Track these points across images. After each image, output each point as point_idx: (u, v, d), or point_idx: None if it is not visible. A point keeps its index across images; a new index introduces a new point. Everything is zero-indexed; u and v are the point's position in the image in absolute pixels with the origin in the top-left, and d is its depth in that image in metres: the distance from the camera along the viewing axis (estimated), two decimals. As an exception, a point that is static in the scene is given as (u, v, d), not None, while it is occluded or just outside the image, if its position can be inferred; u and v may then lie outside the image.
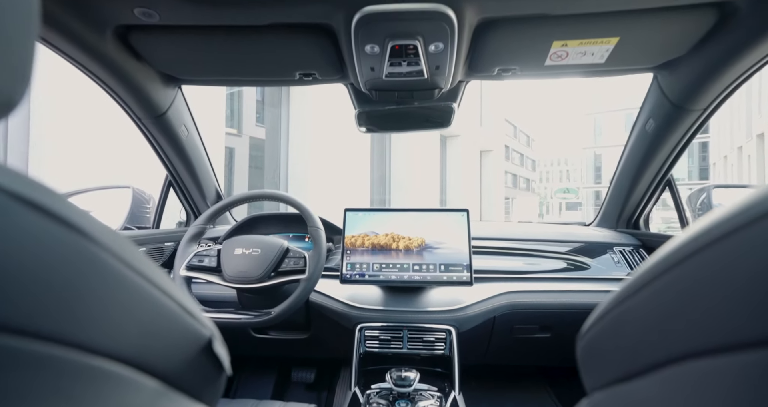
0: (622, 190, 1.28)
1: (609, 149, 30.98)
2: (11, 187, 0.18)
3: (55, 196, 0.21)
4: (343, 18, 0.75)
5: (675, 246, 0.24)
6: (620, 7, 0.72)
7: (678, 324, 0.23)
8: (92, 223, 0.21)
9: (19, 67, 0.26)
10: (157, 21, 0.76)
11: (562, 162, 55.78)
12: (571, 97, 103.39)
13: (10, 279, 0.17)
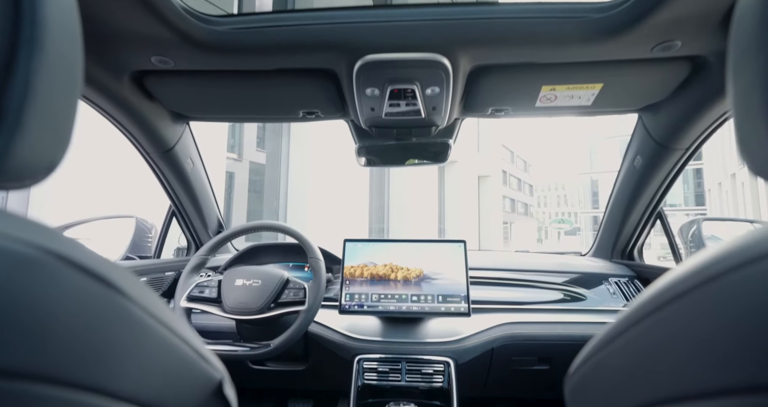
0: (615, 222, 1.32)
1: (605, 174, 31.36)
2: (56, 248, 0.21)
3: (91, 254, 0.23)
4: (345, 64, 0.81)
5: (645, 298, 0.26)
6: (601, 58, 0.77)
7: (650, 371, 0.25)
8: (123, 278, 0.24)
9: (61, 130, 0.29)
10: (171, 67, 0.82)
11: (559, 187, 56.26)
12: (567, 123, 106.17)
13: (52, 333, 0.19)
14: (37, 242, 0.20)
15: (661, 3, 0.62)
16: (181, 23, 0.71)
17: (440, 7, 0.75)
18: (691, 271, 0.23)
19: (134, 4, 0.64)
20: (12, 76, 0.25)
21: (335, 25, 0.74)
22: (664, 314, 0.24)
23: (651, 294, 0.26)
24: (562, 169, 65.86)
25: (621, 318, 0.28)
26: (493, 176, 13.65)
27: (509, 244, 25.27)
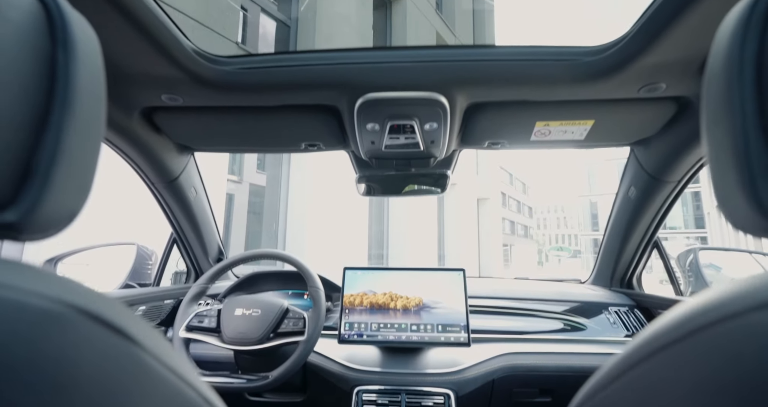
0: (612, 251, 1.33)
1: (603, 197, 31.48)
2: (78, 302, 0.22)
3: (110, 305, 0.25)
4: (347, 101, 0.84)
5: (631, 349, 0.27)
6: (592, 97, 0.81)
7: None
8: (139, 328, 0.25)
9: (84, 181, 0.31)
10: (180, 103, 0.85)
11: (558, 209, 56.32)
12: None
13: (75, 384, 0.20)
14: (61, 297, 0.21)
15: (645, 49, 0.66)
16: (192, 64, 0.74)
17: (437, 49, 0.79)
18: (673, 324, 0.24)
19: (148, 49, 0.67)
20: (44, 137, 0.28)
21: (337, 65, 0.78)
22: (650, 365, 0.25)
23: (639, 342, 0.27)
24: (561, 191, 66.23)
25: (612, 363, 0.29)
26: (492, 198, 13.70)
27: (509, 267, 25.08)
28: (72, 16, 0.32)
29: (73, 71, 0.30)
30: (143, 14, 0.62)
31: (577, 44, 0.75)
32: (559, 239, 54.29)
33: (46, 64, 0.29)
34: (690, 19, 0.58)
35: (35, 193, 0.27)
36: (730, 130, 0.29)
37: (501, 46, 0.77)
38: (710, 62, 0.33)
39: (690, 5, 0.56)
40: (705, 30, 0.60)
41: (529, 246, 33.58)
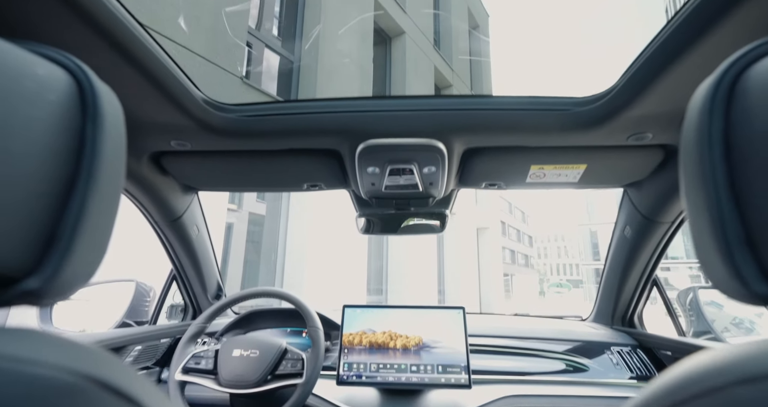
0: (612, 288, 1.32)
1: (603, 226, 31.47)
2: (95, 373, 0.23)
3: (124, 373, 0.26)
4: (348, 147, 0.87)
5: None
6: (583, 144, 0.84)
7: None
8: (150, 396, 0.26)
9: (101, 244, 0.33)
10: (188, 148, 0.89)
11: (559, 238, 56.09)
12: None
13: None
14: (78, 369, 0.22)
15: (630, 103, 0.69)
16: (201, 113, 0.78)
17: (434, 98, 0.83)
18: (655, 397, 0.25)
19: (162, 100, 0.71)
20: (68, 205, 0.29)
21: (339, 113, 0.82)
22: None
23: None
24: (560, 220, 66.22)
25: None
26: (492, 228, 13.69)
27: (511, 298, 24.67)
28: (101, 90, 0.34)
29: (100, 143, 0.32)
30: (157, 68, 0.66)
31: (568, 95, 0.79)
32: (560, 268, 53.68)
33: (75, 136, 0.31)
34: (671, 75, 0.62)
35: (57, 259, 0.28)
36: (705, 201, 0.31)
37: (496, 96, 0.82)
38: (683, 135, 0.35)
39: (670, 64, 0.60)
40: (687, 85, 0.64)
41: (530, 276, 33.17)
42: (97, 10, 0.52)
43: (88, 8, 0.50)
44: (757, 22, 0.48)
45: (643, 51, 0.66)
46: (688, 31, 0.54)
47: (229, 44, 4.87)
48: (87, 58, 0.58)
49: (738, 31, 0.50)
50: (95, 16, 0.52)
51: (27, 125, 0.28)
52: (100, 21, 0.53)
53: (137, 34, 0.59)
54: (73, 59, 0.34)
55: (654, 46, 0.62)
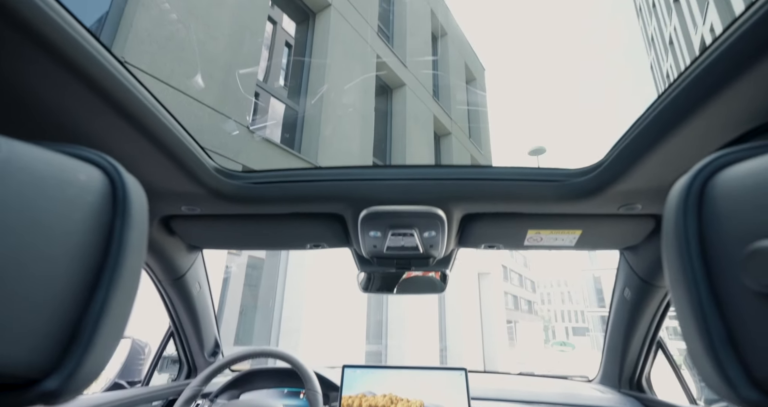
0: (616, 350, 1.30)
1: (606, 271, 30.96)
2: None
3: None
4: (351, 212, 0.91)
5: None
6: (577, 212, 0.88)
7: None
8: None
9: (117, 337, 0.34)
10: (197, 212, 0.92)
11: (562, 283, 54.95)
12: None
13: None
14: None
15: (618, 178, 0.73)
16: (212, 181, 0.82)
17: (434, 167, 0.87)
18: None
19: (176, 171, 0.75)
20: (92, 301, 0.30)
21: (343, 181, 0.86)
22: None
23: None
24: (562, 265, 65.36)
25: None
26: (494, 272, 13.46)
27: (515, 346, 23.71)
28: (131, 186, 0.37)
29: (126, 238, 0.34)
30: (173, 141, 0.70)
31: (560, 167, 0.84)
32: (564, 315, 52.03)
33: (104, 232, 0.33)
34: (655, 155, 0.66)
35: (78, 357, 0.29)
36: (688, 300, 0.33)
37: (493, 166, 0.86)
38: (663, 236, 0.38)
39: (654, 145, 0.64)
40: (671, 164, 0.68)
41: (534, 323, 32.09)
42: (116, 88, 0.54)
43: (106, 85, 0.53)
44: (740, 106, 0.53)
45: (628, 130, 0.71)
46: (673, 115, 0.59)
47: (238, 96, 5.12)
48: (106, 133, 0.62)
49: (721, 114, 0.54)
50: (114, 93, 0.54)
51: (64, 228, 0.31)
52: (119, 100, 0.56)
53: (155, 111, 0.63)
54: (108, 159, 0.38)
55: (639, 127, 0.66)
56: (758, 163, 0.33)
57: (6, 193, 0.26)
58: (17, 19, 0.40)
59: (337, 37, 7.15)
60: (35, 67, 0.46)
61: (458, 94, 11.97)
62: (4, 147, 0.28)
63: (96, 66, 0.50)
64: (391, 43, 9.45)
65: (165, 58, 4.26)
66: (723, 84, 0.50)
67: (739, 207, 0.32)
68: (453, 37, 12.46)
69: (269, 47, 6.42)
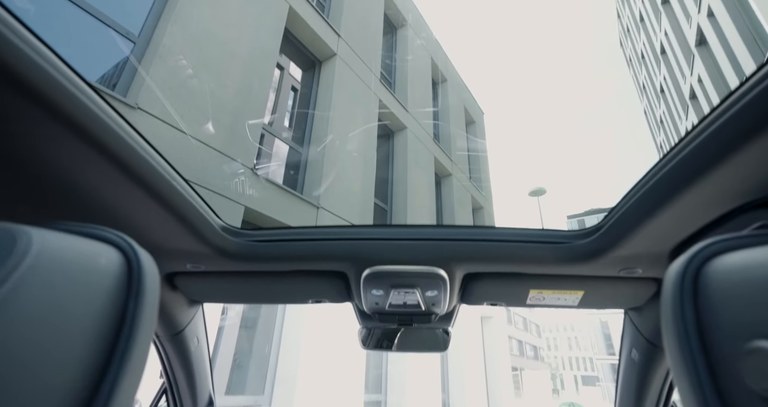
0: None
1: (613, 316, 30.05)
2: None
3: None
4: (354, 271, 0.91)
5: None
6: (578, 273, 0.88)
7: None
8: None
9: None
10: (201, 269, 0.92)
11: (568, 328, 53.13)
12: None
13: None
14: None
15: (616, 244, 0.74)
16: (219, 240, 0.83)
17: (436, 228, 0.89)
18: None
19: (184, 231, 0.76)
20: (101, 386, 0.31)
21: (346, 241, 0.87)
22: None
23: None
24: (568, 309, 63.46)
25: None
26: (497, 316, 13.09)
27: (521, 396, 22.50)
28: (146, 266, 0.39)
29: (138, 319, 0.36)
30: (181, 202, 0.72)
31: (560, 229, 0.85)
32: (572, 362, 49.84)
33: (118, 314, 0.35)
34: (653, 222, 0.68)
35: None
36: (690, 391, 0.33)
37: (494, 227, 0.87)
38: (663, 323, 0.38)
39: (651, 213, 0.66)
40: (669, 230, 0.69)
41: (540, 371, 30.65)
42: (126, 153, 0.55)
43: (116, 149, 0.54)
44: (733, 181, 0.54)
45: (624, 197, 0.73)
46: (667, 188, 0.61)
47: (242, 137, 5.28)
48: (118, 197, 0.64)
49: (715, 188, 0.56)
50: (124, 158, 0.55)
51: (84, 311, 0.33)
52: (130, 165, 0.58)
53: (165, 174, 0.65)
54: (127, 240, 0.40)
55: (634, 196, 0.68)
56: (749, 255, 0.35)
57: (37, 283, 0.28)
58: (33, 90, 0.42)
59: (341, 84, 7.49)
60: (43, 132, 0.47)
61: (459, 141, 12.29)
62: (37, 239, 0.31)
63: (106, 130, 0.52)
64: (393, 88, 9.87)
65: (176, 104, 4.44)
66: (715, 161, 0.52)
67: (735, 301, 0.33)
68: (452, 83, 13.02)
69: (276, 90, 6.71)
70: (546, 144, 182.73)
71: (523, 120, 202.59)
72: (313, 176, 6.49)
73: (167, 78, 4.42)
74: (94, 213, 0.66)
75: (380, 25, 9.59)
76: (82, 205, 0.63)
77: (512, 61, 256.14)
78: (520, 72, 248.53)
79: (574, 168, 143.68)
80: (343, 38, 7.83)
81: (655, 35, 18.04)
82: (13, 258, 0.28)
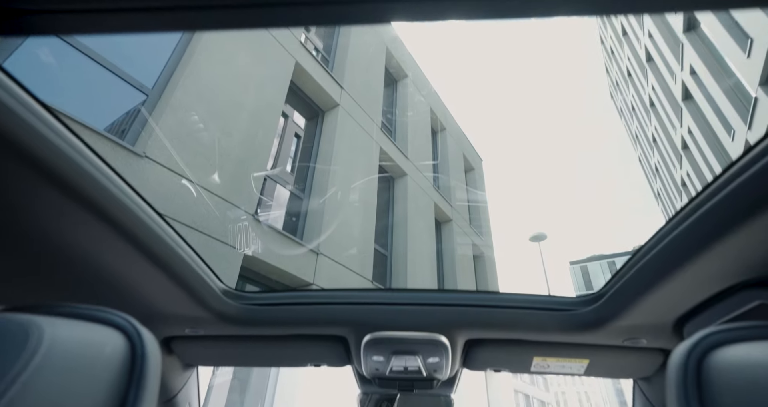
0: None
1: (623, 368, 28.61)
2: None
3: None
4: (355, 336, 0.89)
5: None
6: (582, 342, 0.86)
7: None
8: None
9: None
10: (200, 334, 0.91)
11: (577, 381, 50.41)
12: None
13: None
14: None
15: (617, 314, 0.74)
16: (219, 305, 0.82)
17: (437, 292, 0.89)
18: None
19: (183, 297, 0.76)
20: None
21: (347, 305, 0.87)
22: None
23: None
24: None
25: None
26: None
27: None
28: (149, 350, 0.39)
29: (140, 400, 0.36)
30: (184, 269, 0.72)
31: (563, 296, 0.84)
32: (583, 419, 46.59)
33: (120, 397, 0.36)
34: (651, 295, 0.68)
35: None
36: None
37: (496, 292, 0.87)
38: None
39: (649, 287, 0.66)
40: (670, 301, 0.69)
41: (550, 430, 28.58)
42: (134, 225, 0.56)
43: (124, 223, 0.55)
44: (732, 258, 0.55)
45: (625, 265, 0.73)
46: (666, 261, 0.61)
47: (244, 185, 5.37)
48: (119, 264, 0.64)
49: (716, 263, 0.56)
50: (131, 230, 0.56)
51: (89, 396, 0.34)
52: (138, 237, 0.58)
53: (168, 241, 0.66)
54: (133, 323, 0.40)
55: (635, 266, 0.69)
56: (749, 351, 0.35)
57: (49, 375, 0.30)
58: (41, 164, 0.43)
59: (343, 132, 7.75)
60: (53, 207, 0.49)
61: (458, 192, 12.48)
62: (48, 331, 0.32)
63: (115, 204, 0.53)
64: (393, 136, 10.19)
65: (183, 152, 4.57)
66: (708, 241, 0.53)
67: (736, 398, 0.34)
68: (451, 131, 13.47)
69: (279, 136, 6.92)
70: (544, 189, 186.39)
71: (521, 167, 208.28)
72: (314, 222, 6.52)
73: (176, 128, 4.59)
74: (99, 282, 0.66)
75: (381, 78, 10.12)
76: (87, 275, 0.63)
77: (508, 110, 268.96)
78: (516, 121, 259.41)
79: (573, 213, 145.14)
80: (345, 90, 8.22)
81: (643, 89, 18.95)
82: (27, 352, 0.30)
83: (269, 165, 6.28)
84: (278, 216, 6.34)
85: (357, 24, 0.35)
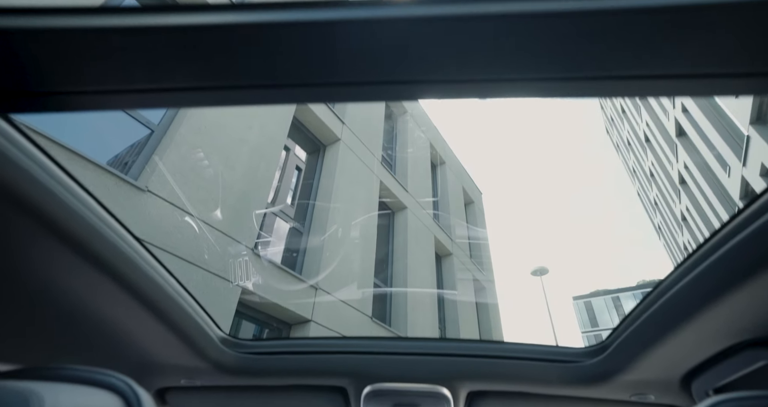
0: None
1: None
2: None
3: None
4: (355, 387, 0.86)
5: None
6: (588, 396, 0.83)
7: None
8: None
9: None
10: (196, 384, 0.88)
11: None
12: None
13: None
14: None
15: (622, 368, 0.72)
16: (217, 354, 0.80)
17: (439, 341, 0.87)
18: None
19: (181, 346, 0.74)
20: None
21: (347, 354, 0.84)
22: None
23: None
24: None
25: None
26: None
27: None
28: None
29: None
30: (183, 318, 0.71)
31: (568, 347, 0.82)
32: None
33: None
34: (657, 349, 0.66)
35: None
36: None
37: (499, 341, 0.85)
38: None
39: (650, 343, 0.65)
40: (674, 358, 0.67)
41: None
42: (138, 278, 0.56)
43: (129, 278, 0.54)
44: (734, 316, 0.54)
45: (627, 316, 0.72)
46: (666, 317, 0.61)
47: (243, 217, 5.37)
48: (119, 317, 0.63)
49: (718, 321, 0.55)
50: (134, 283, 0.56)
51: None
52: (139, 289, 0.58)
53: (169, 290, 0.65)
54: (131, 386, 0.40)
55: (638, 319, 0.67)
56: None
57: None
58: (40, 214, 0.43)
59: (344, 166, 7.86)
60: (38, 249, 0.48)
61: (458, 229, 12.48)
62: (48, 398, 0.33)
63: (120, 259, 0.53)
64: (393, 170, 10.32)
65: (185, 187, 4.61)
66: (706, 301, 0.52)
67: None
68: (451, 165, 13.65)
69: (281, 169, 7.00)
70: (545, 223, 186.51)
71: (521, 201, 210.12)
72: (313, 257, 6.46)
73: (179, 162, 4.66)
74: (94, 332, 0.65)
75: (382, 113, 10.40)
76: (84, 326, 0.62)
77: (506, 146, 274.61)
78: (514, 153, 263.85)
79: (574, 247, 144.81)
80: (346, 124, 8.43)
81: (638, 125, 19.43)
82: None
83: (270, 198, 6.32)
84: (277, 250, 6.29)
85: (381, 101, 0.37)
